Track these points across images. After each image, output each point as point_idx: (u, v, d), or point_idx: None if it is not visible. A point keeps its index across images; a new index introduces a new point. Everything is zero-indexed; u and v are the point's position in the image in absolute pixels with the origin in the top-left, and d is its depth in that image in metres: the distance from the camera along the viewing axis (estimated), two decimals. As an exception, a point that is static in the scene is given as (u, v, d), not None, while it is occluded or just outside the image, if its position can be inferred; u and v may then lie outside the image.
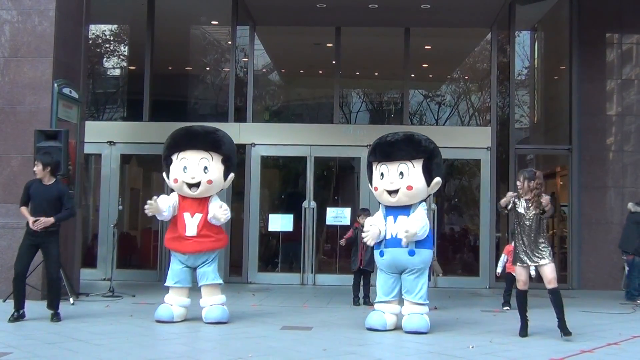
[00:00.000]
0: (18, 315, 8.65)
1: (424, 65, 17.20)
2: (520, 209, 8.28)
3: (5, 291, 9.76)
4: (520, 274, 8.30)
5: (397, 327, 8.58)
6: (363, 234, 8.93)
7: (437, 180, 8.63)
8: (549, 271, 8.10)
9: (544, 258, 8.12)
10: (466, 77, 18.03)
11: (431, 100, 17.71)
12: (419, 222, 8.43)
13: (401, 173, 8.55)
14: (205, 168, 8.94)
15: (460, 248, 16.70)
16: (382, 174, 8.68)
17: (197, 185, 8.91)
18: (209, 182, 8.91)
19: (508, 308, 10.72)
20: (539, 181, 8.28)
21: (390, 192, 8.58)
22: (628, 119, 14.93)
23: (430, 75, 18.06)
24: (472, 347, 7.47)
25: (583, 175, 14.47)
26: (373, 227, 8.72)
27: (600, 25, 14.84)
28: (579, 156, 14.53)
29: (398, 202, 8.59)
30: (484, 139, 14.62)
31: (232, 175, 9.19)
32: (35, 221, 8.61)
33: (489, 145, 14.55)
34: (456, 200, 17.94)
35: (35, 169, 8.90)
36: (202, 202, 8.97)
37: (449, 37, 16.50)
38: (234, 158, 9.37)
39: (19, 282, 8.71)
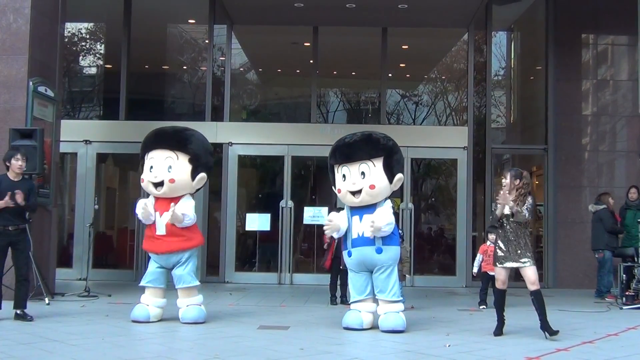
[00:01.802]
0: (22, 314, 8.67)
1: (401, 65, 17.23)
2: (506, 210, 8.20)
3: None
4: (499, 274, 8.28)
5: (374, 326, 8.59)
6: (324, 227, 8.95)
7: (399, 176, 8.65)
8: (531, 273, 8.07)
9: (526, 260, 8.08)
10: (443, 77, 18.08)
11: (408, 99, 17.74)
12: (385, 217, 8.45)
13: (362, 173, 8.55)
14: (170, 167, 8.85)
15: (437, 247, 16.76)
16: (344, 176, 8.67)
17: (161, 184, 8.81)
18: (171, 181, 8.77)
19: (484, 307, 10.77)
20: (525, 181, 8.24)
21: (353, 193, 8.58)
22: (603, 119, 15.07)
23: (408, 75, 18.11)
24: (449, 346, 7.49)
25: (559, 175, 14.58)
26: (334, 221, 8.73)
27: (575, 25, 14.96)
28: (554, 156, 14.63)
29: (362, 202, 8.59)
30: (461, 139, 14.69)
31: (201, 175, 8.93)
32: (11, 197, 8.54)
33: (465, 145, 14.61)
34: (433, 199, 17.99)
35: (20, 163, 8.77)
36: (172, 202, 8.86)
37: (426, 37, 16.55)
38: (204, 157, 9.05)
39: None
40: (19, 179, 8.82)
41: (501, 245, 8.23)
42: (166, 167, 8.83)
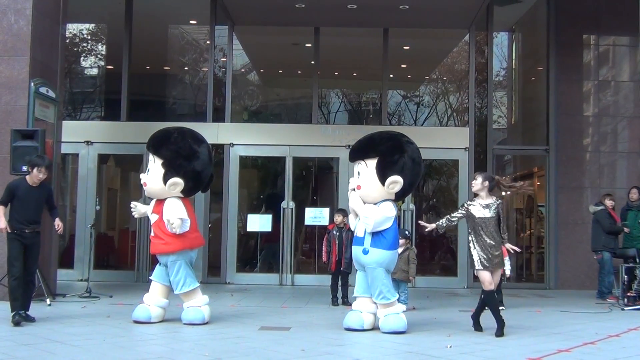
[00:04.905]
0: (25, 316, 8.64)
1: (402, 66, 17.23)
2: (477, 213, 8.42)
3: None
4: (484, 276, 8.37)
5: (375, 327, 8.59)
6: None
7: (393, 178, 8.42)
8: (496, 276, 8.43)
9: (497, 263, 8.34)
10: (444, 78, 18.05)
11: (410, 100, 17.72)
12: (370, 210, 8.43)
13: (358, 173, 8.65)
14: (148, 170, 9.02)
15: (438, 248, 16.74)
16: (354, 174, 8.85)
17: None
18: (144, 184, 8.99)
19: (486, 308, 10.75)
20: (492, 184, 8.59)
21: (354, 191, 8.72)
22: (604, 120, 15.06)
23: (409, 76, 18.09)
24: (450, 347, 7.49)
25: (560, 176, 14.57)
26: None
27: (577, 26, 14.96)
28: (556, 157, 14.63)
29: None
30: (462, 140, 14.68)
31: (172, 180, 8.74)
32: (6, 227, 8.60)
33: (467, 146, 14.60)
34: (434, 200, 17.98)
35: (41, 176, 8.76)
36: (158, 204, 8.99)
37: (428, 37, 16.56)
38: (175, 162, 8.82)
39: (19, 284, 8.63)
40: (36, 184, 8.84)
41: (479, 249, 8.38)
42: (147, 170, 9.07)
